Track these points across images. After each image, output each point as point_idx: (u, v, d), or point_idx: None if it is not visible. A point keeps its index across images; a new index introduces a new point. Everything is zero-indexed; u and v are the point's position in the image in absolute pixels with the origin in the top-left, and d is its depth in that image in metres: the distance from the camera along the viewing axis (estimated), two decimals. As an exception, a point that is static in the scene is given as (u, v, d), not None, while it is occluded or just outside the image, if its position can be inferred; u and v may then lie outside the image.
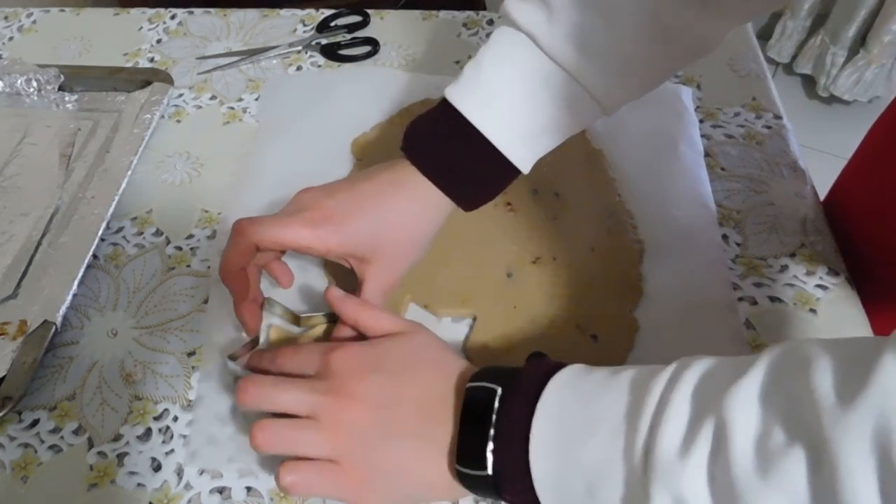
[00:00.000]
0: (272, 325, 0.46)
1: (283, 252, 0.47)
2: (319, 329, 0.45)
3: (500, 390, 0.35)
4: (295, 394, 0.38)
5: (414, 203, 0.43)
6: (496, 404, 0.35)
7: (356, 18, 0.69)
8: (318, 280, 0.49)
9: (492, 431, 0.34)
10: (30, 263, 0.50)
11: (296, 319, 0.45)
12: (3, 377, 0.44)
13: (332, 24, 0.69)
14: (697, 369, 0.31)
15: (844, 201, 0.55)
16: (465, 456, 0.35)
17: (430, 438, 0.37)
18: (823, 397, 0.25)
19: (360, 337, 0.42)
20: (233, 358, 0.43)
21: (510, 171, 0.43)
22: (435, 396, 0.38)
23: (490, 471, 0.34)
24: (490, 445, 0.34)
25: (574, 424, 0.33)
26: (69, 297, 0.47)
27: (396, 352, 0.40)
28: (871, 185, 0.53)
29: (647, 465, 0.29)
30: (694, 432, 0.28)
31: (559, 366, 0.36)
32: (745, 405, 0.28)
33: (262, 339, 0.45)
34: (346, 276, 0.46)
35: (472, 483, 0.35)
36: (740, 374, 0.29)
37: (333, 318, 0.44)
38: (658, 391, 0.31)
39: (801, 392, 0.26)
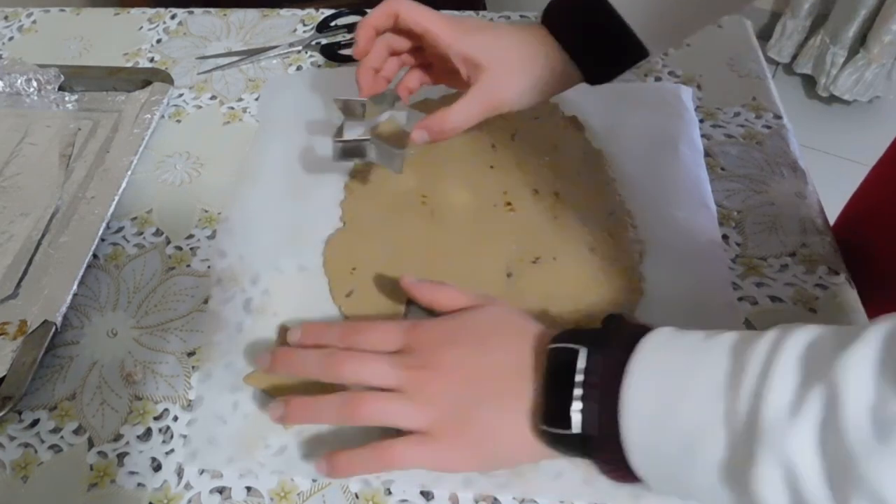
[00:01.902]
0: (283, 325, 0.46)
1: (409, 53, 0.51)
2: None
3: (584, 350, 0.35)
4: (382, 367, 0.39)
5: (536, 45, 0.47)
6: (581, 364, 0.35)
7: (356, 18, 0.69)
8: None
9: (578, 391, 0.34)
10: (30, 263, 0.50)
11: (400, 138, 0.50)
12: (3, 377, 0.44)
13: (332, 24, 0.69)
14: (801, 336, 0.31)
15: (867, 206, 0.55)
16: (550, 416, 0.36)
17: (516, 400, 0.38)
18: None
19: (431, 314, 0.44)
20: (339, 136, 0.48)
21: (635, 48, 0.46)
22: (518, 360, 0.39)
23: (576, 430, 0.34)
24: (576, 405, 0.34)
25: (668, 387, 0.33)
26: (69, 297, 0.47)
27: (474, 323, 0.41)
28: None
29: (753, 429, 0.29)
30: (802, 398, 0.28)
31: (647, 328, 0.36)
32: (859, 372, 0.28)
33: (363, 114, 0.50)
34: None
35: (558, 442, 0.36)
36: (849, 341, 0.29)
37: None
38: (761, 356, 0.30)
39: None
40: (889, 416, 0.26)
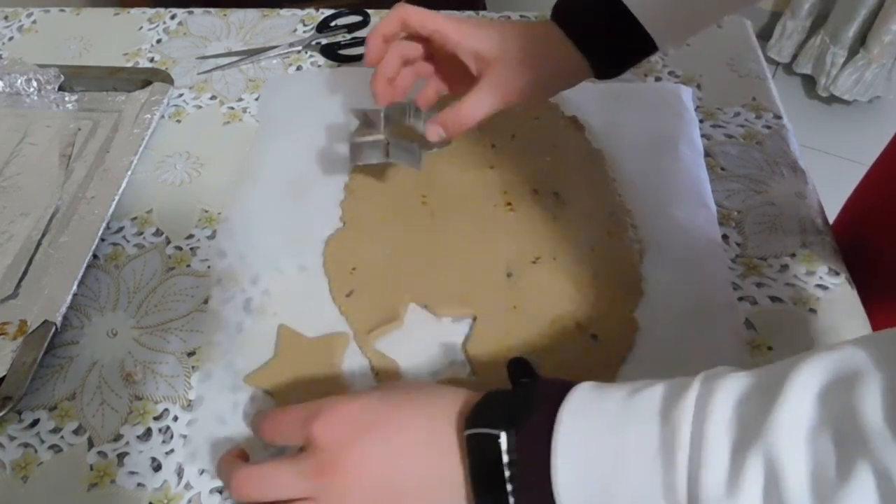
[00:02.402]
0: (283, 325, 0.47)
1: (422, 61, 0.51)
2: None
3: (504, 437, 0.32)
4: (286, 479, 0.35)
5: (545, 39, 0.47)
6: (506, 457, 0.32)
7: (356, 18, 0.69)
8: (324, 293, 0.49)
9: (509, 487, 0.32)
10: (30, 263, 0.50)
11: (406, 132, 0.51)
12: (3, 377, 0.44)
13: (332, 24, 0.69)
14: (727, 395, 0.29)
15: (865, 205, 0.55)
16: None
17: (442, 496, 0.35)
18: (872, 420, 0.25)
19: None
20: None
21: (643, 42, 0.46)
22: (436, 453, 0.35)
23: None
24: (511, 501, 0.32)
25: (601, 462, 0.30)
26: (69, 297, 0.47)
27: (381, 405, 0.36)
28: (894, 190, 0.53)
29: None
30: (739, 469, 0.27)
31: (562, 390, 0.33)
32: (794, 436, 0.26)
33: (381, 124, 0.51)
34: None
35: None
36: (777, 396, 0.27)
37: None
38: (688, 422, 0.29)
39: (850, 414, 0.26)
40: (829, 480, 0.25)
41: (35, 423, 0.44)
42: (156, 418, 0.44)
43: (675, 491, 0.29)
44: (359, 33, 0.68)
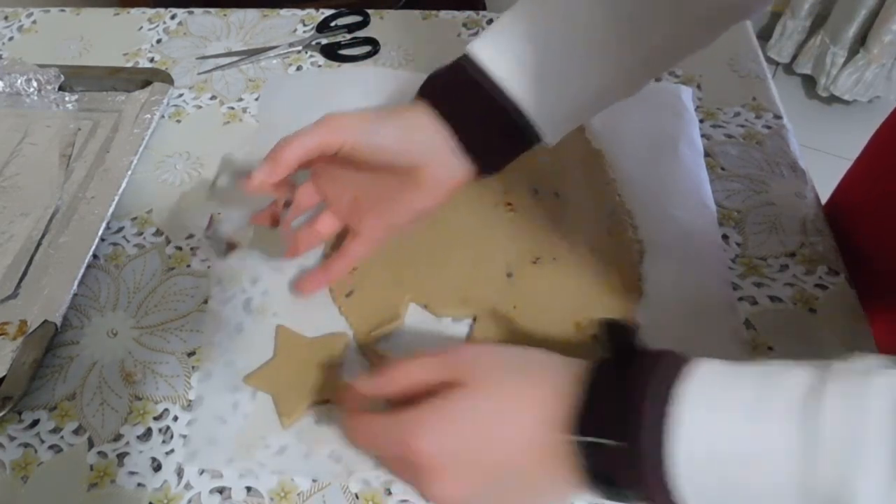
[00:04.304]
0: (281, 326, 0.46)
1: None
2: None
3: (616, 444, 0.31)
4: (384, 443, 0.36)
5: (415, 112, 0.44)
6: (623, 472, 0.31)
7: (356, 18, 0.69)
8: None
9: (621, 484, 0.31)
10: (30, 263, 0.50)
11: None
12: (3, 377, 0.44)
13: (332, 24, 0.69)
14: (884, 392, 0.26)
15: (847, 202, 0.55)
16: None
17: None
18: None
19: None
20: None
21: (525, 133, 0.43)
22: (539, 457, 0.34)
23: None
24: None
25: (728, 461, 0.29)
26: (69, 297, 0.47)
27: (475, 415, 0.35)
28: (875, 188, 0.53)
29: None
30: None
31: (676, 368, 0.31)
32: None
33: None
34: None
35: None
36: None
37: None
38: (836, 422, 0.26)
39: None
40: None
41: (35, 423, 0.44)
42: (156, 418, 0.44)
43: (815, 494, 0.27)
44: (359, 33, 0.68)
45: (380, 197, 0.45)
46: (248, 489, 0.41)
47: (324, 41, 0.67)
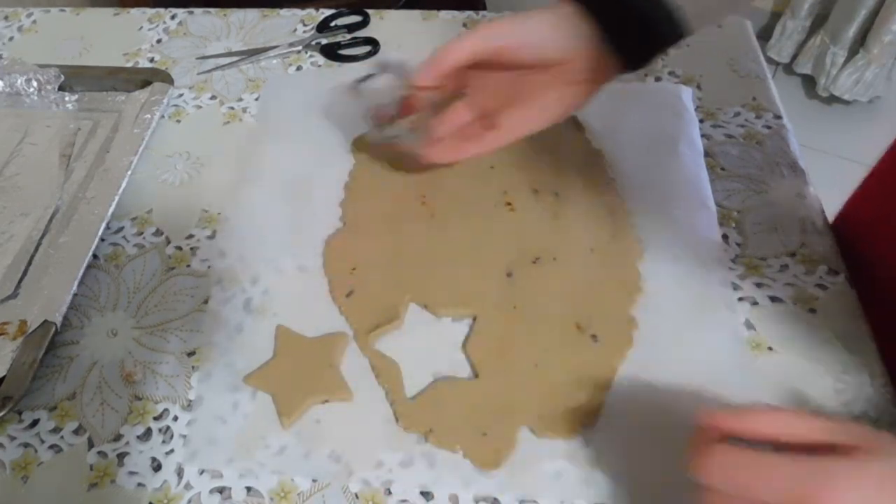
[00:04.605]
0: (281, 326, 0.47)
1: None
2: None
3: None
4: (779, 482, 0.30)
5: (565, 17, 0.44)
6: None
7: (356, 18, 0.69)
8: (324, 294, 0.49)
9: None
10: (30, 263, 0.50)
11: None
12: (3, 377, 0.44)
13: (332, 24, 0.69)
14: None
15: (858, 217, 0.54)
16: None
17: None
18: None
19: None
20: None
21: (671, 26, 0.43)
22: None
23: None
24: None
25: None
26: (69, 297, 0.47)
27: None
28: (888, 203, 0.52)
29: None
30: None
31: None
32: None
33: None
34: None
35: None
36: None
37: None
38: None
39: None
40: None
41: (35, 423, 0.44)
42: (156, 418, 0.44)
43: None
44: (359, 33, 0.68)
45: (524, 93, 0.46)
46: (248, 489, 0.41)
47: (324, 41, 0.67)
